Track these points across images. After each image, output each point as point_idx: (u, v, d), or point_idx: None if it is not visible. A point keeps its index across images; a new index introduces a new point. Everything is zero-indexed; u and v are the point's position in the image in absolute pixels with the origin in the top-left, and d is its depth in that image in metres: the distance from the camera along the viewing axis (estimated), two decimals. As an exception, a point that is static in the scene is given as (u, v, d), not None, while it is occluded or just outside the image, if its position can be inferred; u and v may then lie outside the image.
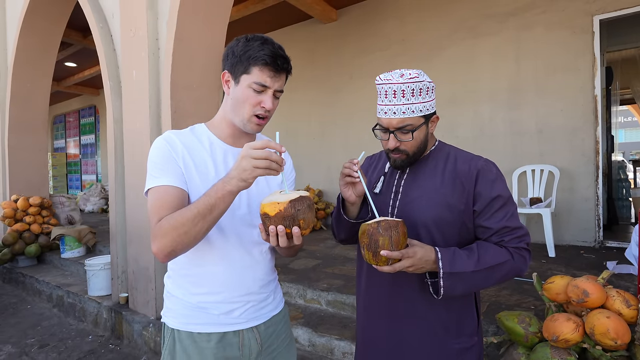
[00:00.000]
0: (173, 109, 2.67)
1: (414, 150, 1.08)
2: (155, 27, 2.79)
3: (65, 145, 11.89)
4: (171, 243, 0.89)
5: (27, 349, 2.96)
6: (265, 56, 0.97)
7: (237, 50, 1.00)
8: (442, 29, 4.72)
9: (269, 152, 0.82)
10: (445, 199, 1.05)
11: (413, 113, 1.03)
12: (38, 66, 4.82)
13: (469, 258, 0.98)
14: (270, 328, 1.13)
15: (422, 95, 1.03)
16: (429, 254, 0.96)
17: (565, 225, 4.01)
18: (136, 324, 2.88)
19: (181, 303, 1.06)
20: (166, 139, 1.02)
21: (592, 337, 1.41)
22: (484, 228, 1.04)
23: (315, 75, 5.93)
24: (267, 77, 0.98)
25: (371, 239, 0.91)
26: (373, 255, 0.91)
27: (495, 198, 1.03)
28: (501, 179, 1.06)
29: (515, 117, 4.26)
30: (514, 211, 1.04)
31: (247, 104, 1.00)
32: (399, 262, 0.92)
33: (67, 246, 4.49)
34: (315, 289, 2.86)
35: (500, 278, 1.01)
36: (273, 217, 0.84)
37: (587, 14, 3.82)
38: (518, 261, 1.01)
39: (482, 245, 1.03)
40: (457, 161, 1.09)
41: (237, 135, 1.09)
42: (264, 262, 1.11)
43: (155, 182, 0.97)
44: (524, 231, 1.03)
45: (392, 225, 0.90)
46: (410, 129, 1.04)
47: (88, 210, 8.61)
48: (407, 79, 1.02)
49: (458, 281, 0.96)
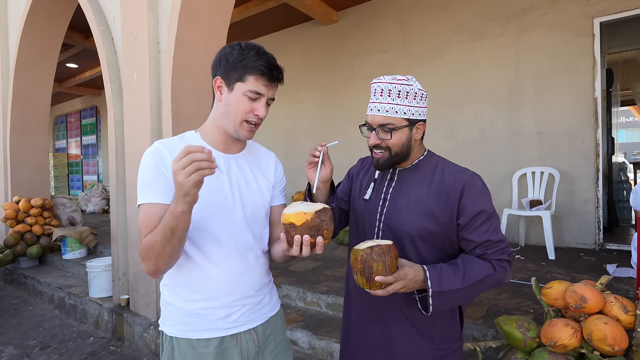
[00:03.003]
0: (174, 112, 2.68)
1: (396, 151, 1.10)
2: (156, 30, 2.79)
3: (66, 145, 11.92)
4: (153, 264, 0.93)
5: (29, 350, 2.98)
6: (262, 66, 0.99)
7: (231, 58, 1.01)
8: (442, 31, 4.72)
9: (192, 156, 0.80)
10: (430, 210, 1.07)
11: (396, 114, 1.06)
12: (40, 67, 4.84)
13: (456, 275, 1.00)
14: (267, 329, 1.14)
15: (408, 98, 1.06)
16: (418, 273, 0.98)
17: (566, 227, 4.01)
18: (137, 326, 2.89)
19: (178, 311, 1.07)
20: (155, 152, 1.02)
21: (590, 342, 1.41)
22: (468, 241, 1.07)
23: (316, 76, 5.94)
24: (262, 85, 1.01)
25: (365, 265, 0.91)
26: (367, 281, 0.92)
27: (480, 212, 1.05)
28: (486, 194, 1.08)
29: (516, 119, 4.26)
30: (497, 225, 1.08)
31: (241, 110, 1.02)
32: (392, 285, 0.94)
33: (69, 247, 4.51)
34: (315, 291, 2.87)
35: (484, 289, 1.06)
36: (299, 227, 0.87)
37: (587, 17, 3.82)
38: (500, 272, 1.06)
39: (467, 259, 1.05)
40: (445, 173, 1.11)
41: (228, 142, 1.11)
42: (259, 266, 1.12)
43: (143, 199, 0.99)
44: (505, 243, 1.07)
45: (385, 251, 0.91)
46: (391, 127, 1.07)
47: (89, 211, 8.63)
48: (396, 80, 1.06)
49: (446, 298, 1.00)
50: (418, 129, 1.11)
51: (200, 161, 0.80)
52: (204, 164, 0.80)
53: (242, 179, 1.11)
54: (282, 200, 1.23)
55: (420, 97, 1.08)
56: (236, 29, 5.50)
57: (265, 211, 1.16)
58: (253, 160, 1.17)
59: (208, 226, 1.04)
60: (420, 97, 1.08)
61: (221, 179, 1.07)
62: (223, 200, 1.05)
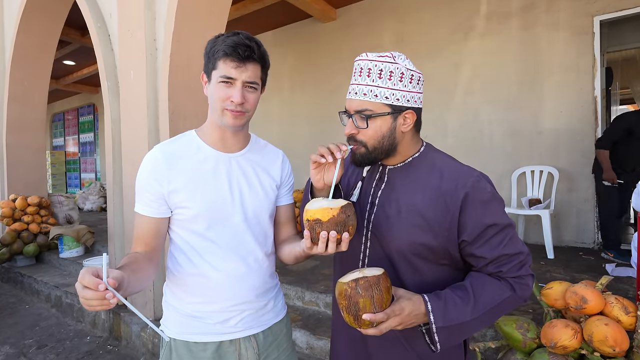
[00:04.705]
0: (171, 110, 2.65)
1: (374, 144, 0.90)
2: (153, 28, 2.76)
3: (64, 143, 11.86)
4: None
5: (26, 349, 2.96)
6: (226, 47, 0.93)
7: (207, 49, 0.99)
8: (441, 29, 4.70)
9: (81, 293, 0.71)
10: (425, 220, 0.88)
11: (376, 97, 0.87)
12: (36, 65, 4.79)
13: (465, 303, 0.83)
14: (270, 337, 1.11)
15: (392, 80, 0.86)
16: (418, 306, 0.82)
17: (565, 226, 4.01)
18: (134, 325, 2.88)
19: (177, 312, 1.05)
20: (150, 161, 1.01)
21: (591, 344, 1.40)
22: (477, 257, 0.88)
23: (315, 74, 5.90)
24: (230, 68, 0.94)
25: (350, 301, 0.79)
26: (354, 319, 0.80)
27: (490, 226, 0.86)
28: (497, 200, 0.88)
29: (515, 117, 4.24)
30: (512, 235, 0.88)
31: (217, 98, 0.98)
32: (385, 323, 0.79)
33: (66, 246, 4.48)
34: (313, 290, 2.86)
35: (502, 314, 0.88)
36: (326, 223, 0.81)
37: (587, 15, 3.80)
38: (520, 291, 0.87)
39: (477, 281, 0.87)
40: (443, 175, 0.90)
41: (227, 139, 1.07)
42: (260, 270, 1.08)
43: (137, 207, 1.03)
44: (525, 254, 0.88)
45: (373, 283, 0.78)
46: (367, 114, 0.88)
47: (87, 209, 8.59)
48: (378, 57, 0.87)
49: (455, 332, 0.83)
50: (406, 119, 0.90)
51: (89, 299, 0.71)
52: (92, 302, 0.71)
53: (244, 179, 1.07)
54: (289, 200, 1.18)
55: (409, 79, 0.88)
56: (234, 26, 5.47)
57: (269, 212, 1.12)
58: (257, 159, 1.12)
59: (206, 229, 1.02)
60: (409, 80, 0.88)
61: (220, 180, 1.04)
62: (222, 202, 1.02)
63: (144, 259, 0.96)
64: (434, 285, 0.90)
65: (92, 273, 0.72)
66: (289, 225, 1.18)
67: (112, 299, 0.71)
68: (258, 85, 1.00)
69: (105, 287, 0.71)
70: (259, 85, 1.01)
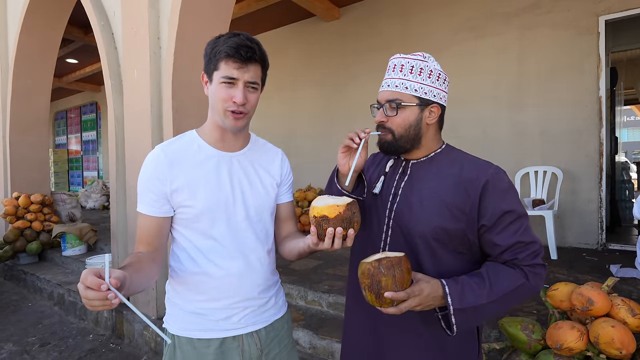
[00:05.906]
0: (175, 109, 2.65)
1: (400, 132, 0.98)
2: (157, 26, 2.76)
3: (66, 141, 11.89)
4: None
5: (28, 347, 2.97)
6: (228, 48, 0.95)
7: (207, 50, 1.01)
8: (445, 28, 4.68)
9: (83, 293, 0.73)
10: (446, 206, 0.94)
11: (406, 90, 0.97)
12: (39, 63, 4.80)
13: (480, 288, 0.88)
14: (271, 333, 1.12)
15: (421, 75, 0.97)
16: (437, 289, 0.87)
17: (568, 227, 3.99)
18: (137, 324, 2.88)
19: (181, 309, 1.07)
20: (151, 161, 1.03)
21: (597, 346, 1.39)
22: (494, 244, 0.93)
23: (317, 73, 5.90)
24: (232, 69, 0.96)
25: (373, 279, 0.83)
26: (376, 297, 0.84)
27: (507, 212, 0.92)
28: (513, 191, 0.95)
29: (518, 118, 4.23)
30: (527, 225, 0.94)
31: (219, 99, 0.99)
32: (405, 302, 0.84)
33: (69, 244, 4.49)
34: (316, 290, 2.85)
35: (516, 302, 0.93)
36: (332, 220, 0.85)
37: (592, 15, 3.78)
38: (533, 280, 0.92)
39: (492, 269, 0.92)
40: (463, 166, 0.98)
41: (227, 139, 1.08)
42: (262, 267, 1.10)
43: (139, 206, 1.03)
44: (538, 245, 0.93)
45: (395, 263, 0.83)
46: (397, 102, 0.97)
47: (89, 207, 8.62)
48: (411, 55, 0.99)
49: (471, 315, 0.88)
50: (432, 112, 0.99)
51: (91, 299, 0.72)
52: (95, 303, 0.72)
53: (245, 178, 1.09)
54: (289, 198, 1.21)
55: (436, 77, 0.98)
56: (237, 25, 5.47)
57: (270, 210, 1.14)
58: (257, 158, 1.14)
59: (209, 227, 1.03)
60: (437, 78, 0.98)
61: (222, 179, 1.05)
62: (224, 201, 1.04)
63: (147, 258, 0.97)
64: (451, 273, 0.95)
65: (94, 273, 0.73)
66: (290, 222, 1.20)
67: (114, 299, 0.72)
68: (258, 85, 1.02)
69: (107, 287, 0.72)
70: (259, 85, 1.03)
